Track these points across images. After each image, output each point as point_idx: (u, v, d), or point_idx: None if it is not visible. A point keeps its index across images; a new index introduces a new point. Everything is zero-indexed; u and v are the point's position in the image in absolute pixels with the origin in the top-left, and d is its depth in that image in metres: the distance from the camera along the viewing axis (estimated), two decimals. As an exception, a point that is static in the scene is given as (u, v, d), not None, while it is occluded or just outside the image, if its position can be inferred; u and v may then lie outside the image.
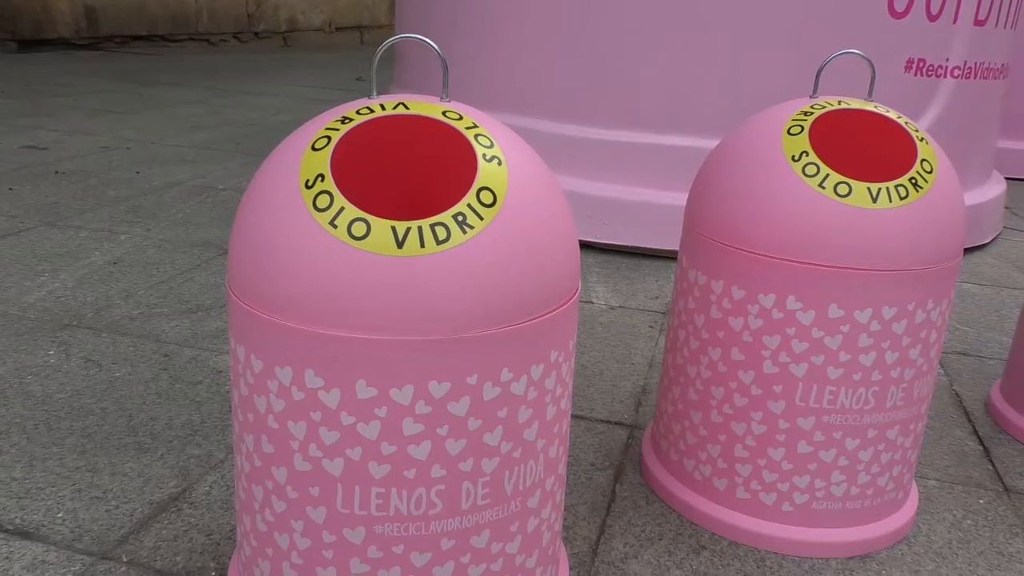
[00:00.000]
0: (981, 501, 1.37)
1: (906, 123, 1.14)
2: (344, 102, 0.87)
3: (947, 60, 2.57)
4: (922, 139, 1.12)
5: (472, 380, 0.79)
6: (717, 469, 1.23)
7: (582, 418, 1.57)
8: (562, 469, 0.97)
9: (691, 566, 1.16)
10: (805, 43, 2.35)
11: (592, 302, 2.18)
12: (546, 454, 0.90)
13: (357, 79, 6.84)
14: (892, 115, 1.14)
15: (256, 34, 8.89)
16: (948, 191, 1.10)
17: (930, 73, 2.55)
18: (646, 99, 2.50)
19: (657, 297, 2.24)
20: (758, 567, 1.17)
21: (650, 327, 2.03)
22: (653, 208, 2.48)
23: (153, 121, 4.40)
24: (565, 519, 1.25)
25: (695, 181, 1.24)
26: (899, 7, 2.40)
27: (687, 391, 1.25)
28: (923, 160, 1.09)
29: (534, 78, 2.62)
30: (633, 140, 2.53)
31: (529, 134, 2.60)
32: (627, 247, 2.57)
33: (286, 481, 0.83)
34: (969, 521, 1.31)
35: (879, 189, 1.06)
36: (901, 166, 1.08)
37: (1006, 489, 1.41)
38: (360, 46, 9.84)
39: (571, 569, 1.14)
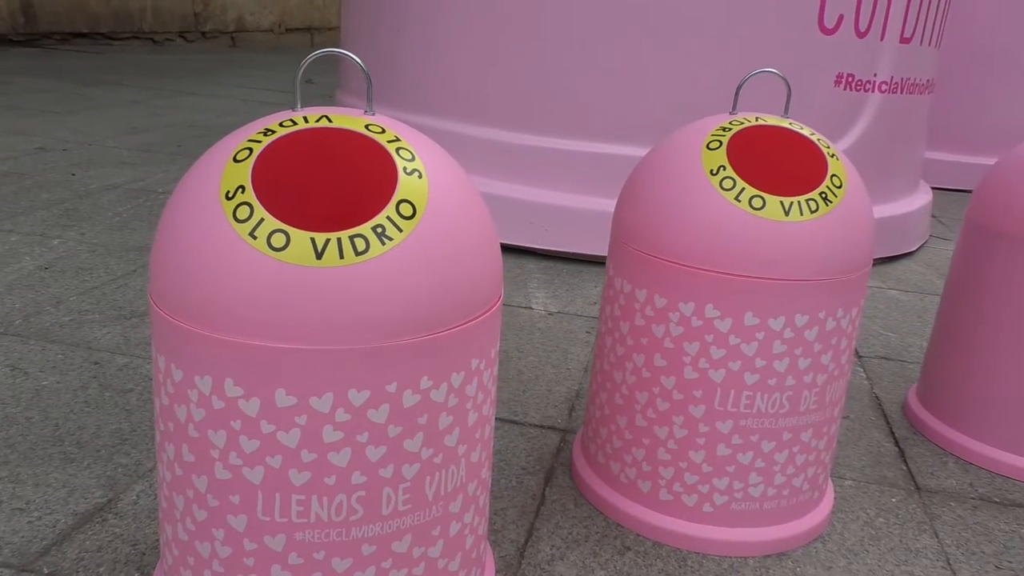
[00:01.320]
0: (893, 500, 1.43)
1: (818, 140, 1.19)
2: (292, 105, 0.88)
3: (875, 75, 2.67)
4: (833, 155, 1.17)
5: (392, 388, 0.81)
6: (642, 472, 1.26)
7: (516, 423, 1.59)
8: (485, 473, 0.99)
9: (615, 567, 1.20)
10: (740, 57, 2.42)
11: (532, 308, 2.21)
12: (468, 459, 0.93)
13: (307, 82, 6.79)
14: (806, 132, 1.20)
15: (203, 34, 8.75)
16: (856, 205, 1.16)
17: (859, 88, 2.65)
18: (588, 108, 2.55)
19: (595, 303, 2.28)
20: (680, 566, 1.21)
21: (587, 332, 2.07)
22: (594, 215, 2.52)
23: (92, 122, 4.31)
24: (494, 522, 1.28)
25: (621, 192, 1.28)
26: (829, 24, 2.49)
27: (613, 396, 1.29)
28: (833, 175, 1.15)
29: (479, 85, 2.65)
30: (575, 148, 2.58)
31: (474, 141, 2.65)
32: (569, 254, 2.61)
33: (207, 490, 0.83)
34: (881, 519, 1.37)
35: (791, 203, 1.11)
36: (812, 181, 1.13)
37: (917, 488, 1.48)
38: (311, 48, 9.76)
39: (497, 572, 1.16)
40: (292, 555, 0.84)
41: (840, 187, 1.14)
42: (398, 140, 0.85)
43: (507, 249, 2.66)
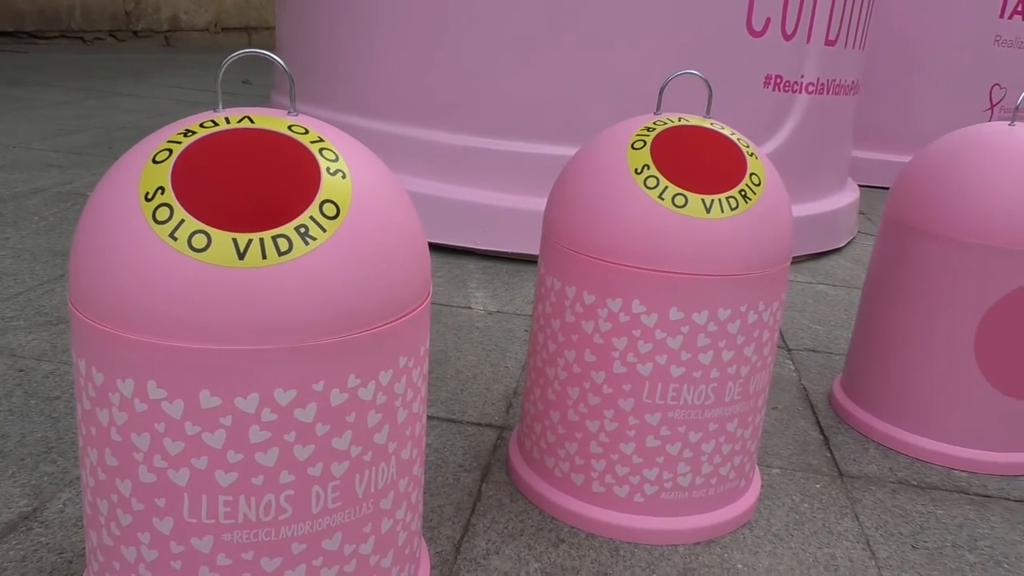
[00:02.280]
0: (818, 486, 1.49)
1: (738, 139, 1.23)
2: (230, 105, 0.88)
3: (802, 77, 2.76)
4: (752, 154, 1.22)
5: (318, 387, 0.82)
6: (575, 465, 1.29)
7: (454, 421, 1.61)
8: (417, 470, 1.00)
9: (549, 559, 1.22)
10: (670, 59, 2.47)
11: (471, 308, 2.23)
12: (398, 456, 0.94)
13: (243, 82, 6.68)
14: (726, 132, 1.24)
15: (135, 33, 8.53)
16: (775, 202, 1.20)
17: (787, 88, 2.73)
18: (525, 109, 2.57)
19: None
20: (612, 556, 1.24)
21: (526, 331, 2.09)
22: (533, 215, 2.54)
23: (17, 123, 4.17)
24: (430, 519, 1.29)
25: (551, 192, 1.30)
26: (757, 26, 2.56)
27: (546, 392, 1.31)
28: (752, 174, 1.19)
29: (417, 87, 2.65)
30: (513, 149, 2.60)
31: (412, 143, 2.65)
32: (508, 253, 2.64)
33: (131, 493, 0.83)
34: (806, 504, 1.42)
35: (712, 200, 1.15)
36: (732, 179, 1.17)
37: (840, 474, 1.54)
38: (248, 47, 9.59)
39: (433, 568, 1.17)
40: (220, 556, 0.84)
41: (759, 185, 1.19)
42: (321, 141, 0.86)
43: (447, 250, 2.67)
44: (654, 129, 1.21)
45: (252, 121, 0.85)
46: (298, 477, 0.83)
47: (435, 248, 2.67)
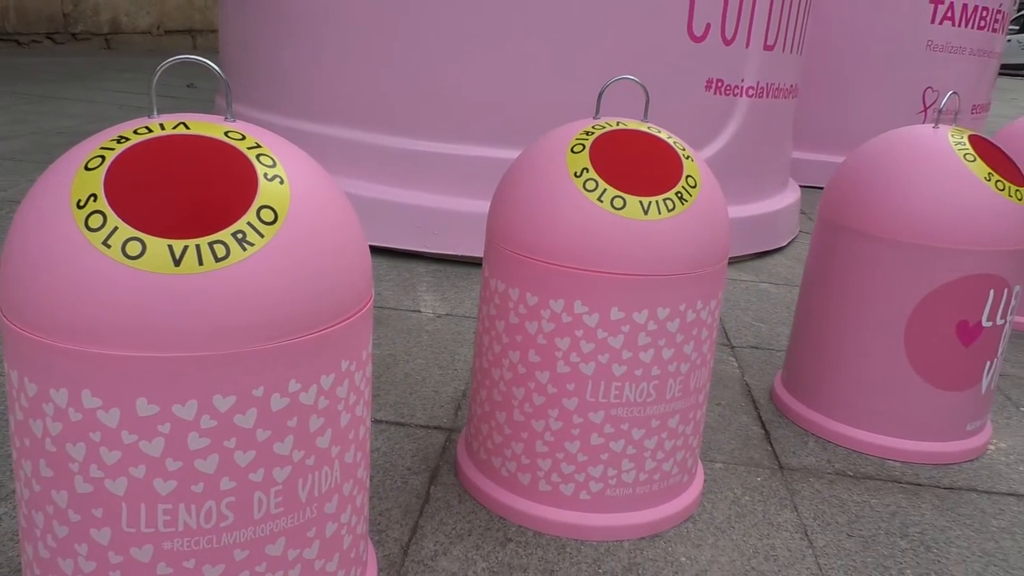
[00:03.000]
0: (758, 479, 1.53)
1: (674, 142, 1.26)
2: (174, 110, 0.87)
3: (742, 81, 2.83)
4: (688, 157, 1.25)
5: (258, 392, 0.82)
6: (521, 465, 1.30)
7: (402, 424, 1.61)
8: (362, 473, 1.01)
9: (497, 558, 1.23)
10: (614, 64, 2.51)
11: (420, 311, 2.23)
12: (342, 460, 0.94)
13: (188, 86, 6.57)
14: (663, 135, 1.27)
15: (74, 35, 8.32)
16: (711, 204, 1.24)
17: (728, 92, 2.79)
18: (471, 113, 2.59)
19: (483, 304, 2.32)
20: (559, 553, 1.26)
21: (475, 334, 2.10)
22: (482, 218, 2.56)
23: (-51, 128, 4.04)
24: (378, 523, 1.29)
25: (494, 196, 1.32)
26: (698, 32, 2.61)
27: (492, 392, 1.32)
28: (688, 176, 1.22)
29: (364, 90, 2.65)
30: (460, 152, 2.61)
31: (359, 146, 2.64)
32: (457, 256, 2.64)
33: (67, 504, 0.82)
34: (747, 497, 1.46)
35: (650, 202, 1.18)
36: (669, 181, 1.20)
37: (780, 467, 1.58)
38: (193, 50, 9.42)
39: (380, 570, 1.18)
40: (161, 565, 0.83)
41: (695, 187, 1.22)
42: (259, 146, 0.86)
43: (396, 254, 2.67)
44: (593, 133, 1.24)
45: (188, 127, 0.85)
46: (239, 483, 0.83)
47: (384, 252, 2.67)
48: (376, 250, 2.66)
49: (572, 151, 1.21)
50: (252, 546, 0.87)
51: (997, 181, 1.52)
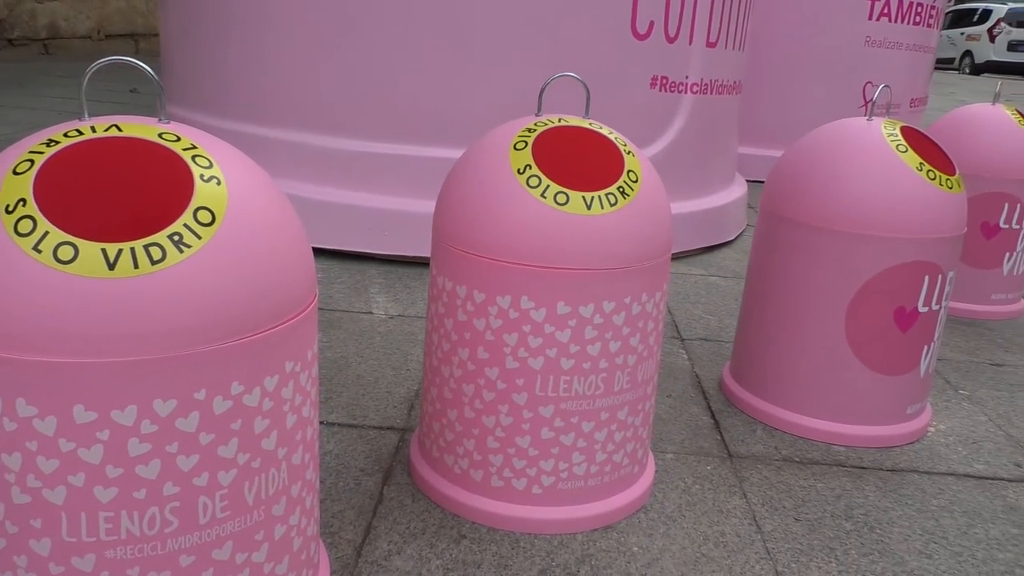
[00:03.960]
0: (708, 468, 1.56)
1: (616, 138, 1.28)
2: (117, 115, 0.86)
3: (687, 78, 2.87)
4: (629, 152, 1.27)
5: (200, 395, 0.81)
6: (473, 461, 1.31)
7: (354, 426, 1.60)
8: (310, 475, 1.00)
9: (451, 555, 1.24)
10: (558, 62, 2.53)
11: (372, 313, 2.22)
12: (289, 462, 0.94)
13: (131, 91, 6.43)
14: (604, 131, 1.28)
15: (10, 41, 8.08)
16: (652, 198, 1.26)
17: (672, 89, 2.83)
18: (419, 113, 2.58)
19: (435, 304, 2.31)
20: (512, 548, 1.26)
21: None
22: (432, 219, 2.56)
23: None
24: (331, 525, 1.28)
25: (439, 194, 1.32)
26: (641, 30, 2.65)
27: (443, 390, 1.33)
28: (629, 171, 1.24)
29: (310, 93, 2.63)
30: (410, 153, 2.60)
31: (307, 149, 2.62)
32: (409, 257, 2.64)
33: (4, 516, 0.80)
34: (697, 486, 1.49)
35: (592, 197, 1.19)
36: (611, 176, 1.22)
37: (730, 455, 1.61)
38: (135, 55, 9.23)
39: (333, 572, 1.17)
40: (104, 574, 0.82)
41: (636, 181, 1.24)
42: (195, 148, 0.85)
43: (347, 256, 2.65)
44: (535, 130, 1.25)
45: (120, 129, 0.84)
46: (183, 488, 0.83)
47: (335, 255, 2.65)
48: (327, 253, 2.65)
49: (515, 148, 1.22)
50: (198, 551, 0.86)
51: (928, 171, 1.57)
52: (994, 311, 2.55)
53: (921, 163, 1.57)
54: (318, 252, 2.63)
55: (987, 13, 17.33)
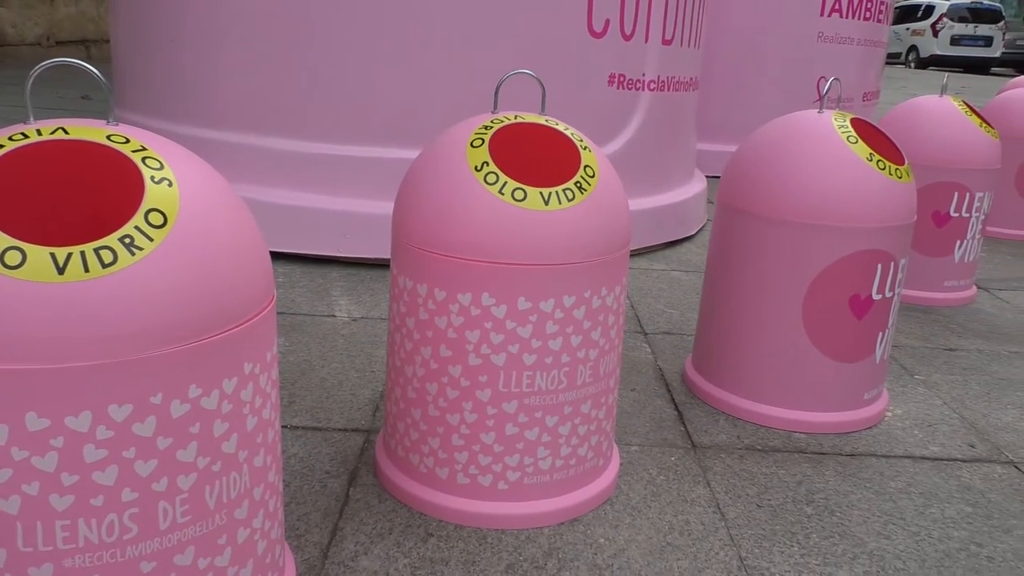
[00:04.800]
0: (672, 458, 1.58)
1: (572, 134, 1.29)
2: (64, 118, 0.84)
3: (643, 75, 2.90)
4: (585, 148, 1.28)
5: (156, 399, 0.80)
6: (439, 459, 1.31)
7: (319, 429, 1.59)
8: (273, 477, 1.00)
9: (419, 553, 1.24)
10: (519, 61, 2.54)
11: (335, 316, 2.21)
12: (250, 464, 0.93)
13: (83, 97, 6.31)
14: (560, 127, 1.29)
15: (-44, 48, 7.87)
16: (609, 192, 1.27)
17: (630, 87, 2.86)
18: (380, 115, 2.57)
19: (399, 305, 2.31)
20: (480, 544, 1.27)
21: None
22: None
23: None
24: (296, 528, 1.28)
25: (397, 194, 1.32)
26: (597, 28, 2.67)
27: (406, 390, 1.33)
28: (586, 166, 1.25)
29: (268, 96, 2.60)
30: (370, 155, 2.59)
31: (266, 153, 2.60)
32: (372, 259, 2.62)
33: (-44, 528, 0.78)
34: (662, 477, 1.51)
35: (550, 193, 1.20)
36: (568, 172, 1.23)
37: (693, 446, 1.63)
38: (87, 62, 9.04)
39: (300, 575, 1.17)
40: (62, 584, 0.81)
41: (593, 176, 1.25)
42: (144, 149, 0.84)
43: (309, 260, 2.63)
44: (492, 127, 1.25)
45: (67, 132, 0.82)
46: (142, 494, 0.82)
47: (297, 259, 2.63)
48: (289, 257, 2.62)
49: (472, 146, 1.23)
50: (159, 557, 0.85)
51: (878, 161, 1.61)
52: (947, 298, 2.62)
53: (871, 153, 1.61)
54: (280, 256, 2.61)
55: (930, 9, 17.84)
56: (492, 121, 1.27)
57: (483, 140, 1.23)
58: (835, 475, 1.55)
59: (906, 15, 18.35)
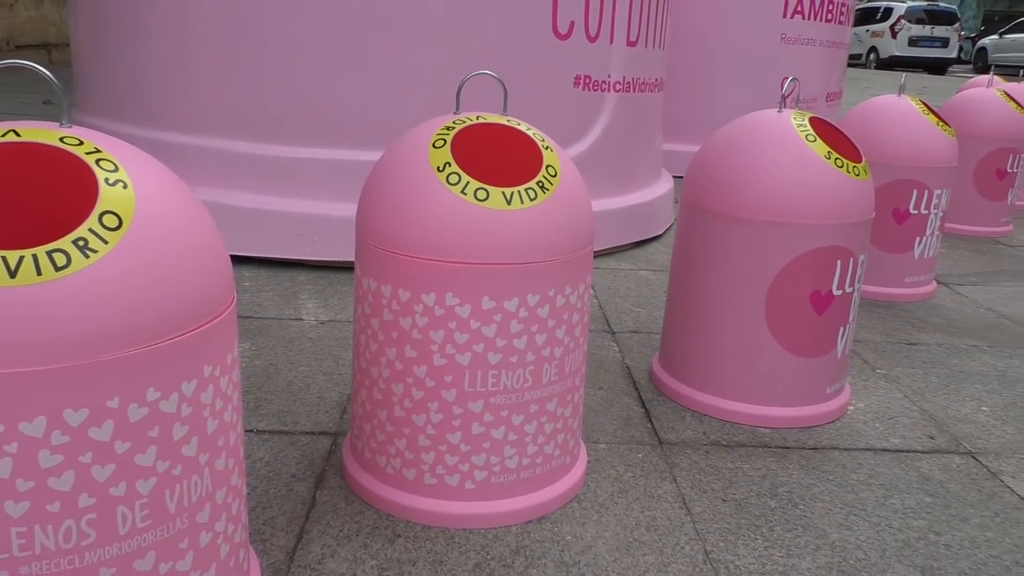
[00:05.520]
0: (639, 455, 1.59)
1: (534, 134, 1.30)
2: (17, 121, 0.83)
3: (609, 76, 2.92)
4: (547, 147, 1.29)
5: (114, 403, 0.79)
6: (405, 460, 1.31)
7: (286, 432, 1.59)
8: (236, 480, 0.99)
9: (386, 555, 1.24)
10: (484, 63, 2.53)
11: (302, 319, 2.20)
12: (212, 468, 0.92)
13: (44, 103, 6.20)
14: (522, 127, 1.30)
15: (-88, 53, 7.70)
16: (572, 191, 1.28)
17: (596, 88, 2.88)
18: (345, 117, 2.56)
19: (367, 308, 2.30)
20: (447, 544, 1.27)
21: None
22: (360, 222, 2.55)
23: None
24: (262, 532, 1.27)
25: (361, 195, 1.32)
26: (562, 29, 2.68)
27: (372, 391, 1.32)
28: (548, 166, 1.26)
29: (232, 98, 2.58)
30: (336, 157, 2.58)
31: (230, 156, 2.58)
32: (339, 262, 2.61)
33: (-92, 538, 0.77)
34: (629, 474, 1.52)
35: (512, 193, 1.21)
36: (530, 172, 1.24)
37: (660, 442, 1.65)
38: (48, 66, 8.89)
39: (265, 579, 1.16)
40: (18, 592, 0.79)
41: (555, 176, 1.26)
42: (99, 151, 0.83)
43: (276, 263, 2.61)
44: (454, 128, 1.26)
45: (19, 135, 0.81)
46: (99, 499, 0.81)
47: (263, 262, 2.61)
48: (255, 260, 2.60)
49: (434, 146, 1.23)
50: (119, 563, 0.84)
51: (836, 159, 1.64)
52: (907, 293, 2.67)
53: (829, 152, 1.64)
54: (247, 260, 2.59)
55: (889, 11, 18.26)
56: (454, 122, 1.27)
57: (445, 141, 1.23)
58: (799, 468, 1.57)
59: (866, 17, 18.73)
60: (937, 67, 18.01)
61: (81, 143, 0.83)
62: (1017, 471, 1.62)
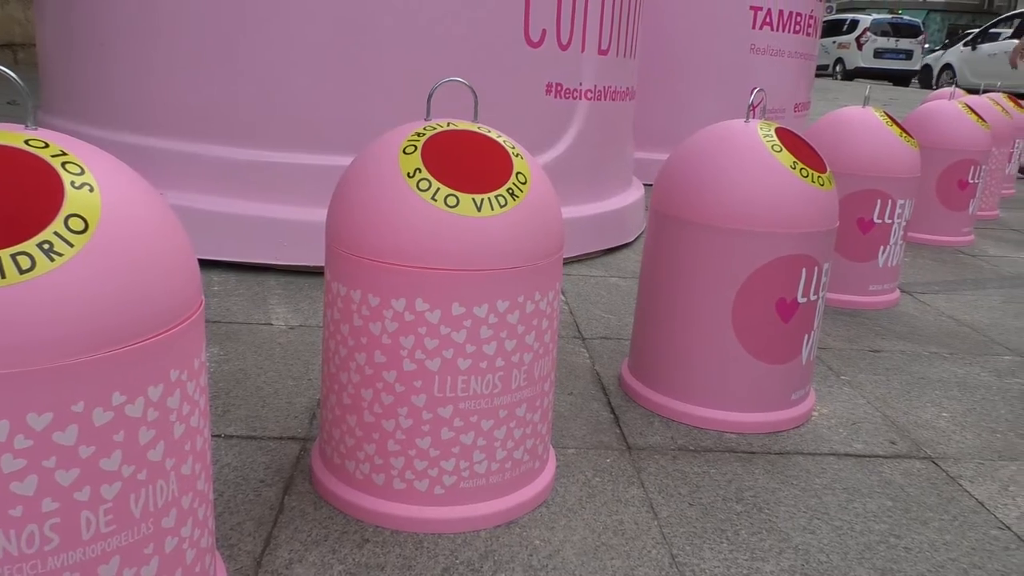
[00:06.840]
0: (608, 460, 1.60)
1: (504, 141, 1.31)
2: None
3: (580, 84, 2.94)
4: (517, 154, 1.30)
5: (78, 407, 0.79)
6: (375, 465, 1.31)
7: (254, 438, 1.58)
8: (202, 485, 0.99)
9: (354, 560, 1.23)
10: (456, 70, 2.55)
11: (272, 324, 2.18)
12: (178, 472, 0.92)
13: (9, 103, 6.10)
14: (493, 135, 1.31)
15: None
16: (542, 198, 1.29)
17: (567, 96, 2.90)
18: (317, 122, 2.56)
19: (337, 313, 2.29)
20: (416, 549, 1.27)
21: (329, 343, 2.08)
22: (331, 227, 2.54)
23: None
24: (229, 537, 1.26)
25: (331, 200, 1.32)
26: (534, 38, 2.70)
27: (341, 396, 1.32)
28: (518, 173, 1.27)
29: (203, 101, 2.56)
30: (308, 162, 2.57)
31: (200, 160, 2.56)
32: (310, 267, 2.60)
33: None
34: (597, 479, 1.53)
35: (482, 199, 1.22)
36: (500, 178, 1.25)
37: (628, 447, 1.66)
38: (14, 66, 8.74)
39: (232, 585, 1.15)
40: (-22, 599, 0.79)
41: (525, 183, 1.27)
42: (64, 154, 0.83)
43: (246, 268, 2.60)
44: (424, 134, 1.26)
45: (-17, 136, 0.81)
46: (63, 504, 0.80)
47: (233, 267, 2.59)
48: (225, 265, 2.58)
49: (404, 152, 1.24)
50: (83, 568, 0.83)
51: (801, 169, 1.67)
52: (872, 301, 2.72)
53: (795, 162, 1.67)
54: (216, 265, 2.57)
55: (855, 23, 18.64)
56: (425, 128, 1.28)
57: (416, 147, 1.24)
58: (764, 473, 1.60)
59: (833, 29, 19.08)
60: (901, 78, 18.39)
61: (47, 145, 0.83)
62: (975, 476, 1.66)
